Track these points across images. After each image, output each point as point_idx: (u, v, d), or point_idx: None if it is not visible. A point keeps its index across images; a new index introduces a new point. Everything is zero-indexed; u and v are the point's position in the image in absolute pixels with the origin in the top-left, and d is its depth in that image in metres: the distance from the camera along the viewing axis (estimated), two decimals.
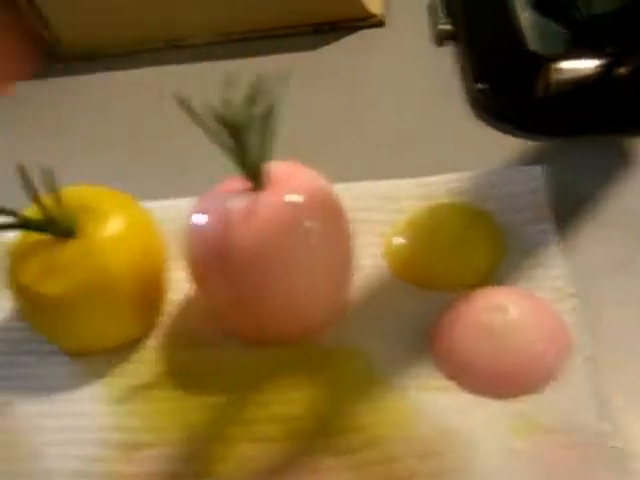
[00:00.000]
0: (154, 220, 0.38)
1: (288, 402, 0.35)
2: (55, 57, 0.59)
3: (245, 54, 0.57)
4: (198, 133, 0.34)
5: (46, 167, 0.35)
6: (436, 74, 0.52)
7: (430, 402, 0.34)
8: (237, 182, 0.36)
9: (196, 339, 0.38)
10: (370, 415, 0.33)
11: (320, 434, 0.34)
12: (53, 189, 0.36)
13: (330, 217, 0.35)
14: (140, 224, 0.38)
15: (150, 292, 0.38)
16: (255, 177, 0.35)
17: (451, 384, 0.35)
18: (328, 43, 0.56)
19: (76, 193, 0.37)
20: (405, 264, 0.39)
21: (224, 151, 0.34)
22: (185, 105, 0.33)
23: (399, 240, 0.40)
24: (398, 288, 0.39)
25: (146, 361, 0.38)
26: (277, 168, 0.35)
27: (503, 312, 0.35)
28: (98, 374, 0.38)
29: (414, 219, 0.41)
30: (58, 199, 0.36)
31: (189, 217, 0.36)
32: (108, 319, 0.37)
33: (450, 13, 0.53)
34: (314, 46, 0.56)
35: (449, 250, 0.39)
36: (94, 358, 0.38)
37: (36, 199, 0.36)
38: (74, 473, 0.34)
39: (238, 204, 0.34)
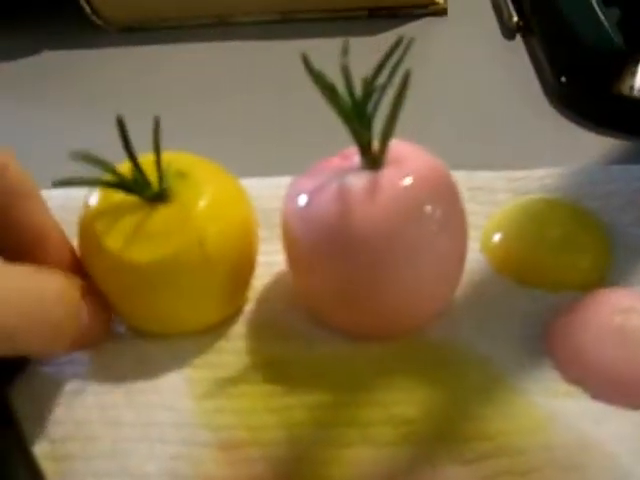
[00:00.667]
0: (247, 196, 0.34)
1: (404, 403, 0.31)
2: (104, 28, 0.55)
3: (295, 35, 0.53)
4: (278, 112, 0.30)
5: (156, 118, 0.31)
6: (505, 67, 0.50)
7: (561, 409, 0.31)
8: (341, 160, 0.33)
9: (287, 330, 0.34)
10: (499, 421, 0.30)
11: (442, 440, 0.30)
12: (157, 147, 0.32)
13: (450, 204, 0.32)
14: (236, 197, 0.34)
15: (241, 273, 0.34)
16: (373, 155, 0.32)
17: (577, 390, 0.32)
18: (386, 29, 0.53)
19: (167, 158, 0.33)
20: (508, 260, 0.37)
21: (345, 122, 0.31)
22: (313, 71, 0.30)
23: (499, 234, 0.37)
24: (500, 284, 0.36)
25: (232, 351, 0.34)
26: (393, 147, 0.32)
27: (637, 315, 0.32)
28: (180, 362, 0.34)
29: (513, 213, 0.38)
30: (153, 160, 0.32)
31: (290, 196, 0.33)
32: (196, 296, 0.33)
33: (520, 6, 0.51)
34: (371, 32, 0.53)
35: (557, 248, 0.36)
36: (172, 343, 0.34)
37: (132, 156, 0.32)
38: (158, 475, 0.30)
39: (358, 182, 0.31)
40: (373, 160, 0.31)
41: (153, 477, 0.30)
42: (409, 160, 0.32)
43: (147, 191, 0.32)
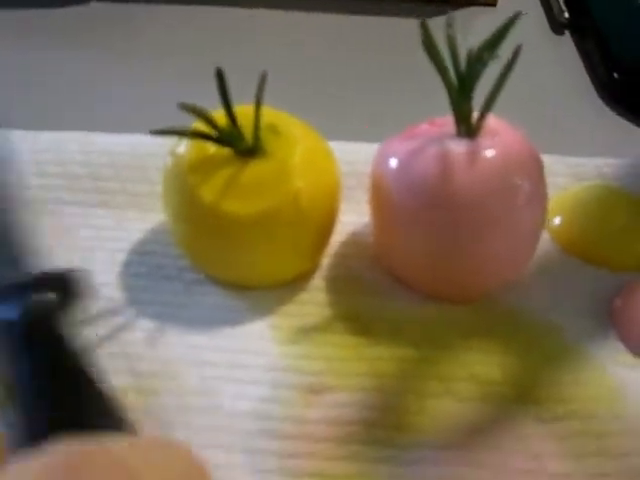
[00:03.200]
0: (334, 155, 0.35)
1: (484, 363, 0.33)
2: None
3: (350, 11, 0.54)
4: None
5: (263, 72, 0.32)
6: (552, 61, 0.51)
7: (629, 380, 0.33)
8: (431, 127, 0.34)
9: (365, 286, 0.36)
10: (573, 387, 0.32)
11: (518, 400, 0.32)
12: (258, 102, 0.32)
13: (536, 178, 0.34)
14: (325, 155, 0.35)
15: (327, 229, 0.35)
16: (470, 124, 0.33)
17: None
18: (437, 14, 0.55)
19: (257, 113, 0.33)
20: (573, 240, 0.38)
21: (449, 92, 0.32)
22: (427, 34, 0.31)
23: (564, 216, 0.39)
24: (564, 261, 0.38)
25: (313, 303, 0.35)
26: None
27: None
28: (262, 311, 0.34)
29: (577, 197, 0.40)
30: (248, 114, 0.33)
31: (383, 157, 0.34)
32: (283, 250, 0.34)
33: (570, 2, 0.53)
34: (421, 15, 0.55)
35: (619, 232, 0.38)
36: (254, 293, 0.35)
37: (229, 109, 0.32)
38: (249, 414, 0.31)
39: (457, 148, 0.32)
40: (471, 129, 0.33)
41: (245, 415, 0.31)
42: (501, 133, 0.33)
43: (241, 144, 0.33)
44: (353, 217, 0.37)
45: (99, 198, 0.39)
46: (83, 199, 0.39)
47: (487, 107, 0.32)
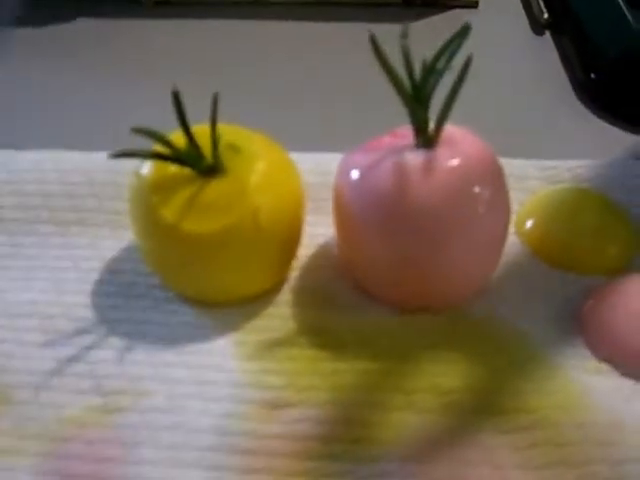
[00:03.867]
0: (297, 169, 0.36)
1: (447, 374, 0.33)
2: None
3: (328, 18, 0.55)
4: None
5: (214, 94, 0.32)
6: (532, 62, 0.51)
7: (593, 387, 0.33)
8: (393, 139, 0.34)
9: (331, 299, 0.36)
10: (537, 396, 0.32)
11: (481, 411, 0.32)
12: (214, 122, 0.33)
13: (497, 186, 0.34)
14: (287, 170, 0.35)
15: (290, 244, 0.35)
16: (429, 135, 0.33)
17: (607, 367, 0.34)
18: (417, 18, 0.55)
19: (218, 130, 0.34)
20: (542, 244, 0.38)
21: (404, 103, 0.32)
22: (376, 46, 0.31)
23: (533, 219, 0.39)
24: (534, 265, 0.38)
25: (279, 317, 0.35)
26: (445, 129, 0.33)
27: None
28: (227, 327, 0.35)
29: (546, 200, 0.40)
30: (205, 133, 0.33)
31: (344, 169, 0.34)
32: (247, 266, 0.34)
33: (550, 3, 0.52)
34: (403, 20, 0.55)
35: (589, 235, 0.38)
36: (220, 310, 0.35)
37: (186, 130, 0.33)
38: (211, 429, 0.31)
39: (414, 160, 0.32)
40: (428, 140, 0.33)
41: (206, 432, 0.31)
42: (460, 142, 0.33)
43: (201, 164, 0.33)
44: (323, 229, 0.38)
45: (75, 216, 0.40)
46: (59, 217, 0.39)
47: (442, 117, 0.32)
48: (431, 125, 0.33)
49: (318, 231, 0.38)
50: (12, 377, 0.33)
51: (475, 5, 0.54)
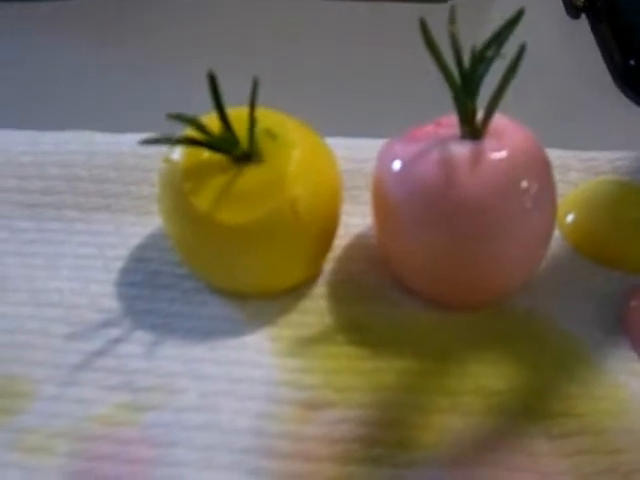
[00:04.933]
0: (334, 156, 0.34)
1: (491, 375, 0.31)
2: None
3: None
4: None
5: (255, 77, 0.30)
6: (569, 46, 0.49)
7: None
8: (437, 128, 0.33)
9: (369, 292, 0.35)
10: (583, 400, 0.31)
11: (528, 413, 0.31)
12: (252, 107, 0.31)
13: (544, 180, 0.32)
14: (324, 159, 0.34)
15: (327, 234, 0.34)
16: (475, 125, 0.31)
17: None
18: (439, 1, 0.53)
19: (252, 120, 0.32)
20: (584, 240, 0.37)
21: (452, 92, 0.31)
22: (426, 32, 0.30)
23: (575, 214, 0.38)
24: (577, 262, 0.36)
25: (314, 311, 0.34)
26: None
27: None
28: (261, 321, 0.34)
29: (588, 193, 0.39)
30: (241, 117, 0.31)
31: (386, 159, 0.33)
32: (283, 258, 0.33)
33: None
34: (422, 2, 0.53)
35: (634, 230, 0.37)
36: (253, 302, 0.34)
37: (223, 115, 0.31)
38: (247, 430, 0.30)
39: (461, 151, 0.31)
40: (475, 131, 0.31)
41: (243, 432, 0.30)
42: (507, 133, 0.32)
43: (236, 150, 0.31)
44: (358, 219, 0.36)
45: (101, 201, 0.38)
46: (84, 202, 0.38)
47: (491, 108, 0.31)
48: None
49: (353, 221, 0.36)
50: (38, 370, 0.32)
51: None
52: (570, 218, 0.37)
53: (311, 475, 0.29)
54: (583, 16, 0.51)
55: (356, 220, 0.36)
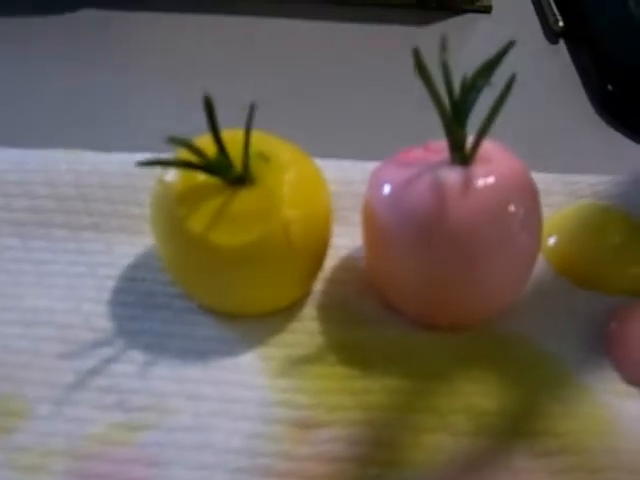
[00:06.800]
0: (325, 179, 0.35)
1: (480, 394, 0.32)
2: None
3: (342, 18, 0.54)
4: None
5: (251, 103, 0.31)
6: (547, 69, 0.51)
7: (624, 411, 0.32)
8: (427, 153, 0.34)
9: (358, 314, 0.35)
10: (566, 419, 0.32)
11: (513, 433, 0.32)
12: (248, 132, 0.32)
13: (531, 205, 0.33)
14: (317, 182, 0.34)
15: (319, 257, 0.35)
16: (464, 152, 0.32)
17: (636, 391, 0.33)
18: (429, 22, 0.54)
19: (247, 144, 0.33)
20: (566, 262, 0.38)
21: (442, 119, 0.32)
22: (419, 61, 0.31)
23: (557, 237, 0.39)
24: (559, 284, 0.37)
25: (305, 332, 0.35)
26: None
27: None
28: (253, 341, 0.34)
29: (570, 217, 0.40)
30: (235, 139, 0.32)
31: (376, 183, 0.33)
32: (275, 280, 0.33)
33: (565, 11, 0.52)
34: (417, 22, 0.54)
35: (615, 253, 0.38)
36: (244, 322, 0.35)
37: (217, 137, 0.32)
38: (240, 450, 0.31)
39: (451, 177, 0.32)
40: (465, 157, 0.32)
41: (236, 453, 0.30)
42: (495, 159, 0.33)
43: (230, 173, 0.32)
44: (347, 240, 0.37)
45: (89, 220, 0.38)
46: (73, 221, 0.38)
47: (481, 135, 0.32)
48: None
49: (342, 242, 0.37)
50: (32, 390, 0.32)
51: (489, 10, 0.53)
52: (552, 241, 0.38)
53: None
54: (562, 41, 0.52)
55: (344, 241, 0.37)
